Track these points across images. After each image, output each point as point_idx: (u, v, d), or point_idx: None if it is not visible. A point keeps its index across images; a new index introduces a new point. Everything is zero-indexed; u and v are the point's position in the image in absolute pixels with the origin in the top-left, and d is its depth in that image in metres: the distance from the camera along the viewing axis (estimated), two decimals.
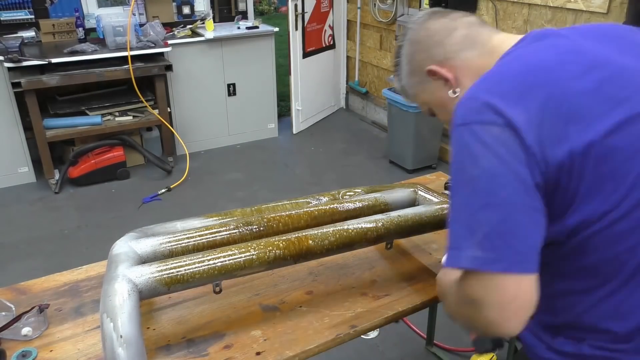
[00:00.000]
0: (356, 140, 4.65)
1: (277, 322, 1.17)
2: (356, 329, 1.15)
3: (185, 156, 4.06)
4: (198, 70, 4.13)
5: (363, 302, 1.24)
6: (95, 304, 1.22)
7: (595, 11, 2.88)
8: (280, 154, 4.44)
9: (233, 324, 1.16)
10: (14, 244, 3.07)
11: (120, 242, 1.15)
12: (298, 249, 1.14)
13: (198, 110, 4.26)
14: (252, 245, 1.11)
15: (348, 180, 3.86)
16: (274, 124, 4.69)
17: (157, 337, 1.12)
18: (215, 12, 4.46)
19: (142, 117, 3.86)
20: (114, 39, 3.61)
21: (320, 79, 4.97)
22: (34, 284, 1.30)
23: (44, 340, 1.11)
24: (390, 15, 4.42)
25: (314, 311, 1.20)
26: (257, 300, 1.24)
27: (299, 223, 1.27)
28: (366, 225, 1.21)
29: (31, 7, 3.82)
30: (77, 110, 3.72)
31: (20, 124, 3.60)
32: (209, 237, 1.19)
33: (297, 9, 4.36)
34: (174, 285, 1.04)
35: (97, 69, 3.51)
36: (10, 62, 3.25)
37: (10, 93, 3.47)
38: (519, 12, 3.34)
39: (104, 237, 3.11)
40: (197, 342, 1.11)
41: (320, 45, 4.82)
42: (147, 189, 3.70)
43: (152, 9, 4.12)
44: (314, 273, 1.35)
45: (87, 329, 1.14)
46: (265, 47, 4.32)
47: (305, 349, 1.09)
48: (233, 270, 1.08)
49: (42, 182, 3.76)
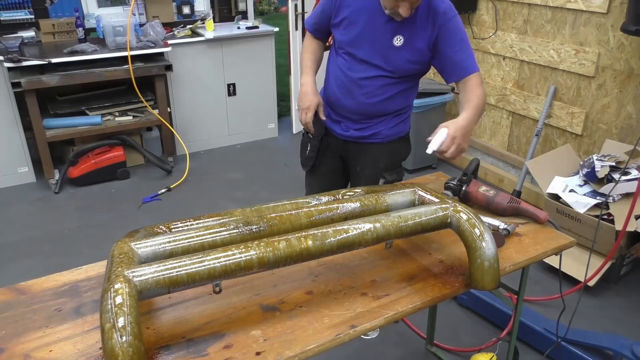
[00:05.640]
0: None
1: (277, 322, 1.17)
2: (356, 329, 1.15)
3: (185, 156, 4.06)
4: (198, 70, 4.13)
5: (363, 302, 1.24)
6: (95, 304, 1.22)
7: (595, 11, 2.88)
8: (280, 154, 4.44)
9: (233, 324, 1.16)
10: (13, 244, 3.07)
11: (120, 242, 1.15)
12: (298, 249, 1.14)
13: (198, 110, 4.26)
14: (252, 245, 1.11)
15: None
16: (274, 124, 4.69)
17: (157, 337, 1.12)
18: (215, 12, 4.46)
19: (142, 117, 3.86)
20: (114, 39, 3.61)
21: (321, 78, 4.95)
22: (34, 284, 1.30)
23: (44, 340, 1.11)
24: None
25: (314, 311, 1.20)
26: (257, 300, 1.24)
27: (298, 223, 1.27)
28: (366, 226, 1.21)
29: (31, 7, 3.82)
30: (77, 110, 3.72)
31: (20, 124, 3.60)
32: (209, 237, 1.19)
33: (297, 9, 4.36)
34: (173, 286, 1.04)
35: (97, 69, 3.51)
36: (10, 62, 3.25)
37: (10, 93, 3.47)
38: (519, 12, 3.34)
39: (104, 237, 3.11)
40: (196, 342, 1.11)
41: None
42: (147, 189, 3.70)
43: (152, 9, 4.12)
44: (314, 273, 1.35)
45: (87, 329, 1.14)
46: (265, 47, 4.32)
47: (305, 349, 1.09)
48: (233, 271, 1.08)
49: (42, 182, 3.76)
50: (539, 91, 3.34)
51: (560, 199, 2.72)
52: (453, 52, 1.74)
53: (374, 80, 1.83)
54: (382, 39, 1.77)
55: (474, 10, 3.62)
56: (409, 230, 1.27)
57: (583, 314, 2.41)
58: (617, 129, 2.92)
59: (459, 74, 1.76)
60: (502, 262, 1.36)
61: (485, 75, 3.68)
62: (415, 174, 3.87)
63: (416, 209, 1.30)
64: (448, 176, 1.84)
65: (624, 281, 2.71)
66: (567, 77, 3.14)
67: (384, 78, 1.82)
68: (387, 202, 1.38)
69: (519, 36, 3.36)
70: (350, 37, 1.83)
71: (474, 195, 1.64)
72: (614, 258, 2.55)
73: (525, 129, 3.51)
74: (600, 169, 2.61)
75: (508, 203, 1.60)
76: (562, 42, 3.10)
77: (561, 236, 1.54)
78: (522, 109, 3.46)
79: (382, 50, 1.78)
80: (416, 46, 1.76)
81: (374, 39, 1.78)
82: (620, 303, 2.56)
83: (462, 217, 1.27)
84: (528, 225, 1.59)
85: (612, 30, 2.83)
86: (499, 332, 2.35)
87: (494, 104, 3.67)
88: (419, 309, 1.25)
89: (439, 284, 1.31)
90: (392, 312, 1.21)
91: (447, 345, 2.28)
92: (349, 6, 1.80)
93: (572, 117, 3.14)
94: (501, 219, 1.57)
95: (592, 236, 2.43)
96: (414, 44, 1.76)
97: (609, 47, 2.87)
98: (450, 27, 1.72)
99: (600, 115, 3.00)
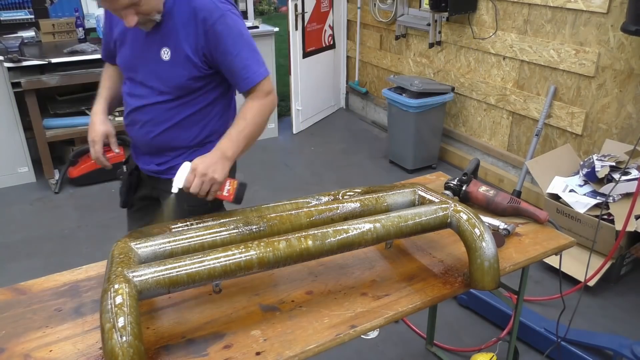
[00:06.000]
0: (356, 140, 4.64)
1: (276, 322, 1.17)
2: (356, 329, 1.15)
3: None
4: None
5: (363, 302, 1.24)
6: (95, 304, 1.21)
7: (595, 11, 2.88)
8: (280, 154, 4.43)
9: (233, 324, 1.16)
10: (13, 244, 3.07)
11: (120, 242, 1.15)
12: (298, 249, 1.14)
13: None
14: (252, 245, 1.11)
15: (348, 180, 3.86)
16: (274, 124, 4.69)
17: (157, 337, 1.12)
18: None
19: None
20: None
21: (320, 79, 4.96)
22: (34, 284, 1.30)
23: (44, 340, 1.11)
24: (390, 15, 4.41)
25: (314, 311, 1.20)
26: (257, 300, 1.24)
27: (298, 223, 1.27)
28: (366, 226, 1.21)
29: (31, 7, 3.82)
30: (77, 110, 3.72)
31: (20, 124, 3.60)
32: (209, 237, 1.19)
33: (297, 9, 4.36)
34: (173, 286, 1.04)
35: (97, 68, 3.50)
36: (10, 62, 3.25)
37: (10, 93, 3.47)
38: (519, 12, 3.34)
39: (104, 237, 3.11)
40: (196, 342, 1.11)
41: (320, 45, 4.82)
42: None
43: None
44: (314, 273, 1.35)
45: (87, 329, 1.14)
46: (265, 47, 4.31)
47: (305, 349, 1.09)
48: (233, 271, 1.08)
49: (42, 182, 3.75)
50: (539, 91, 3.34)
51: (560, 199, 2.72)
52: (229, 60, 1.47)
53: (157, 106, 1.54)
54: (149, 55, 1.50)
55: (474, 10, 3.62)
56: (409, 230, 1.27)
57: (583, 314, 2.41)
58: (617, 129, 2.92)
59: (243, 85, 1.50)
60: (502, 262, 1.36)
61: (485, 75, 3.69)
62: (415, 174, 3.87)
63: (416, 209, 1.30)
64: (448, 176, 1.84)
65: (624, 281, 2.71)
66: (567, 77, 3.14)
67: (167, 103, 1.54)
68: (387, 202, 1.38)
69: (519, 36, 3.36)
70: (123, 60, 1.58)
71: (474, 195, 1.64)
72: (614, 258, 2.55)
73: (525, 128, 3.50)
74: (600, 169, 2.61)
75: (508, 203, 1.61)
76: (562, 42, 3.10)
77: (561, 236, 1.54)
78: (522, 109, 3.46)
79: (154, 69, 1.51)
80: (186, 58, 1.47)
81: (142, 56, 1.52)
82: (620, 303, 2.55)
83: (462, 217, 1.27)
84: (528, 225, 1.59)
85: (612, 30, 2.83)
86: (499, 332, 2.35)
87: (494, 104, 3.67)
88: (419, 309, 1.25)
89: (439, 284, 1.31)
90: (392, 312, 1.21)
91: (447, 345, 2.28)
92: (117, 25, 1.56)
93: (572, 117, 3.14)
94: (501, 219, 1.57)
95: (592, 236, 2.43)
96: (183, 56, 1.47)
97: (609, 47, 2.87)
98: (218, 31, 1.43)
99: (600, 115, 3.00)
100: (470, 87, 3.81)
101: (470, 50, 3.75)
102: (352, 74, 5.22)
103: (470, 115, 3.92)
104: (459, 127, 4.06)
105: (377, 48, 4.78)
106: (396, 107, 3.82)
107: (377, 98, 4.91)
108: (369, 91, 5.05)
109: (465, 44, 3.76)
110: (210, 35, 1.43)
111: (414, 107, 3.65)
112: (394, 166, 4.07)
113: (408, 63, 4.42)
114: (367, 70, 5.03)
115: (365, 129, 4.90)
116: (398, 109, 3.80)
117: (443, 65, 4.03)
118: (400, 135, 3.91)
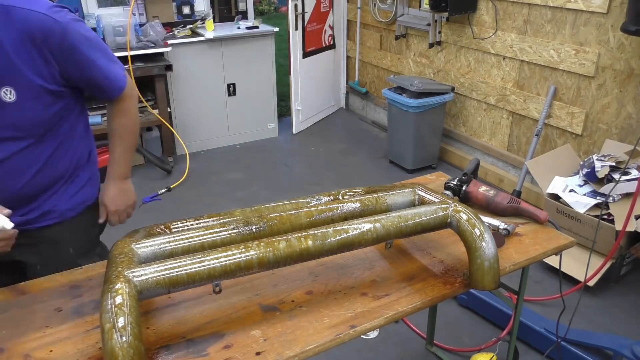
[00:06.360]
0: (356, 140, 4.65)
1: (276, 322, 1.17)
2: (356, 329, 1.15)
3: (185, 156, 4.06)
4: (198, 70, 4.13)
5: (363, 302, 1.24)
6: (95, 304, 1.21)
7: (595, 11, 2.88)
8: (280, 154, 4.44)
9: (233, 324, 1.16)
10: None
11: (120, 242, 1.15)
12: (298, 249, 1.14)
13: (198, 110, 4.26)
14: (252, 245, 1.11)
15: (348, 180, 3.86)
16: (274, 124, 4.69)
17: (157, 337, 1.12)
18: (215, 12, 4.46)
19: (142, 117, 3.86)
20: (114, 38, 3.61)
21: (320, 79, 4.97)
22: (34, 284, 1.30)
23: (44, 340, 1.11)
24: (390, 15, 4.42)
25: (314, 311, 1.20)
26: (257, 300, 1.24)
27: (298, 223, 1.27)
28: (366, 226, 1.21)
29: None
30: None
31: None
32: (209, 237, 1.19)
33: (297, 9, 4.36)
34: (173, 286, 1.04)
35: None
36: None
37: None
38: (519, 12, 3.34)
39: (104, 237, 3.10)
40: (196, 342, 1.11)
41: (320, 45, 4.82)
42: (147, 189, 3.70)
43: (152, 9, 4.12)
44: (314, 273, 1.35)
45: (87, 329, 1.14)
46: (265, 47, 4.32)
47: (305, 349, 1.09)
48: (233, 271, 1.08)
49: None
50: (539, 91, 3.34)
51: (560, 199, 2.72)
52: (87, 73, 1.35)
53: (16, 156, 1.33)
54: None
55: (474, 10, 3.62)
56: (409, 230, 1.27)
57: (583, 314, 2.41)
58: (617, 129, 2.92)
59: (113, 92, 1.42)
60: (502, 262, 1.36)
61: (485, 75, 3.69)
62: (415, 174, 3.87)
63: (416, 209, 1.30)
64: (448, 176, 1.84)
65: (624, 281, 2.71)
66: (567, 77, 3.14)
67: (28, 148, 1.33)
68: (387, 202, 1.38)
69: (519, 36, 3.36)
70: None
71: (474, 195, 1.64)
72: (614, 258, 2.55)
73: (525, 129, 3.50)
74: (600, 169, 2.61)
75: (508, 203, 1.61)
76: (562, 42, 3.10)
77: (561, 236, 1.54)
78: (522, 109, 3.46)
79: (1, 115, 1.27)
80: (40, 89, 1.29)
81: None
82: (620, 303, 2.56)
83: (462, 217, 1.27)
84: (528, 225, 1.59)
85: (612, 30, 2.83)
86: (499, 332, 2.35)
87: (494, 104, 3.67)
88: (419, 309, 1.25)
89: (439, 284, 1.31)
90: (392, 312, 1.21)
91: (447, 345, 2.28)
92: None
93: (572, 117, 3.14)
94: (501, 219, 1.57)
95: (592, 236, 2.43)
96: (34, 88, 1.28)
97: (609, 47, 2.87)
98: (66, 48, 1.27)
99: (600, 115, 3.00)
100: (470, 87, 3.81)
101: (470, 50, 3.75)
102: (352, 74, 5.22)
103: (470, 115, 3.92)
104: (459, 127, 4.06)
105: (377, 48, 4.78)
106: (396, 107, 3.82)
107: (377, 98, 4.92)
108: (368, 91, 5.05)
109: (465, 44, 3.76)
110: (60, 54, 1.28)
111: (414, 107, 3.65)
112: (394, 166, 4.07)
113: (408, 63, 4.42)
114: (367, 70, 5.04)
115: (365, 129, 4.90)
116: (398, 109, 3.80)
117: (443, 65, 4.03)
118: (400, 135, 3.91)
